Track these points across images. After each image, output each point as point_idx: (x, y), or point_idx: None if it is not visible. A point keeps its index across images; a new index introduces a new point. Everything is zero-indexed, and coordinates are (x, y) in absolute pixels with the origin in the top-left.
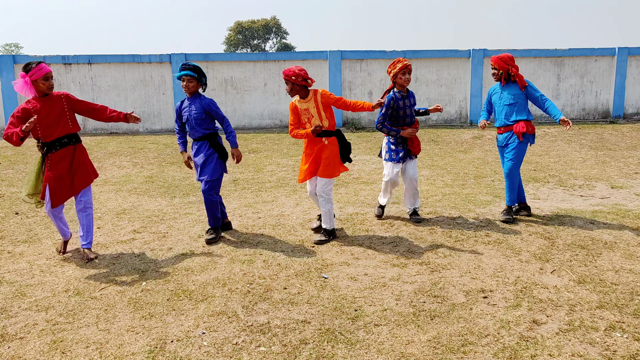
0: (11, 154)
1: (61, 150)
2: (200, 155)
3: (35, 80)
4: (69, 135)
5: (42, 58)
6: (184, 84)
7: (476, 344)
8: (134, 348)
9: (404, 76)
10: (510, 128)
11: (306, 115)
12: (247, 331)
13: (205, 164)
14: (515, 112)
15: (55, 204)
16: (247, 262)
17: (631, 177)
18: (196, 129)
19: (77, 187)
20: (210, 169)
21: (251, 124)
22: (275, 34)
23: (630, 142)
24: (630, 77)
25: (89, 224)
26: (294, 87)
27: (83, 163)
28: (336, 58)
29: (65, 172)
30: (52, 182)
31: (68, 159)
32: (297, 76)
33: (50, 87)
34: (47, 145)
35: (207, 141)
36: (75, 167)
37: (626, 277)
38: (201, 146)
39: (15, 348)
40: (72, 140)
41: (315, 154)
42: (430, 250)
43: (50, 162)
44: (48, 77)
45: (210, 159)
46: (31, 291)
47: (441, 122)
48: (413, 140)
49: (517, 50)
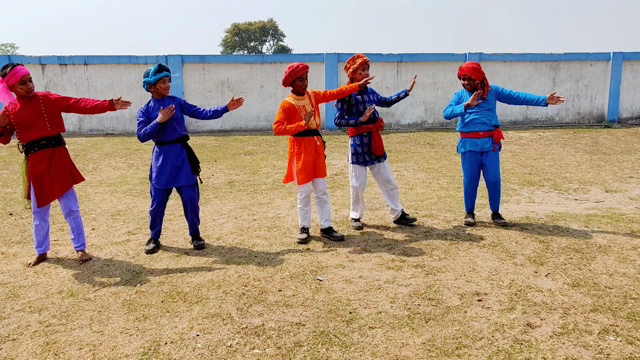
0: (5, 155)
1: (39, 151)
2: (172, 159)
3: (12, 85)
4: (48, 138)
5: (38, 58)
6: (163, 85)
7: (470, 346)
8: (128, 350)
9: (363, 72)
10: (490, 133)
11: (303, 111)
12: (242, 333)
13: (181, 169)
14: (493, 117)
15: (40, 203)
16: (242, 264)
17: (625, 181)
18: (175, 130)
19: (55, 191)
20: (188, 173)
21: (247, 126)
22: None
23: (624, 147)
24: (625, 82)
25: (78, 226)
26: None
27: (62, 166)
28: (333, 60)
29: (44, 174)
30: (34, 181)
31: (46, 161)
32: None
33: (29, 90)
34: (25, 146)
35: (180, 144)
36: (54, 170)
37: (620, 280)
38: (173, 149)
39: (8, 350)
40: (52, 142)
41: (312, 155)
42: (425, 253)
43: (30, 162)
44: (25, 80)
45: (186, 162)
46: (24, 292)
47: (437, 125)
48: (375, 142)
49: (512, 55)
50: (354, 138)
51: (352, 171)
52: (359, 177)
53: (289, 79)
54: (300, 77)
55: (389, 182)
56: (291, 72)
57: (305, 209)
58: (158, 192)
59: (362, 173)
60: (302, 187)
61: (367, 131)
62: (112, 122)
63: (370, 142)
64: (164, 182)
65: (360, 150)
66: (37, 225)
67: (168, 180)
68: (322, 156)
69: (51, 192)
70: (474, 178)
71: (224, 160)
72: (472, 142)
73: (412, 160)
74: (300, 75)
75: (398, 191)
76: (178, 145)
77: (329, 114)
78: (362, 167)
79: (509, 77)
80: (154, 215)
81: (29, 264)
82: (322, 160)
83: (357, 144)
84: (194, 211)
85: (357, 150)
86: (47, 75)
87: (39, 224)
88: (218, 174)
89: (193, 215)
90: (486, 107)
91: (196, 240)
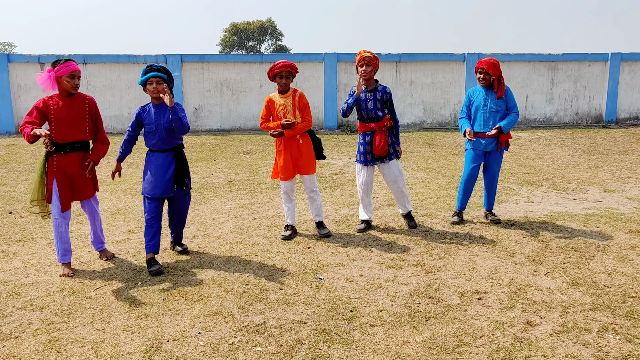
0: (4, 154)
1: (71, 154)
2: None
3: (60, 76)
4: (83, 142)
5: (36, 57)
6: (151, 88)
7: (471, 344)
8: (130, 347)
9: (361, 68)
10: None
11: (282, 110)
12: (243, 331)
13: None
14: (500, 120)
15: (64, 208)
16: (243, 262)
17: (623, 181)
18: (168, 140)
19: (80, 196)
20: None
21: (246, 126)
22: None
23: (622, 147)
24: (623, 83)
25: (98, 229)
26: (290, 80)
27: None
28: (332, 60)
29: (73, 177)
30: (60, 184)
31: (77, 165)
32: (296, 70)
33: (75, 86)
34: (57, 145)
35: (173, 152)
36: (82, 176)
37: (619, 279)
38: (165, 158)
39: (10, 347)
40: (85, 147)
41: (293, 153)
42: (425, 252)
43: (56, 163)
44: (74, 75)
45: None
46: (26, 290)
47: (436, 125)
48: (376, 141)
49: (511, 55)
50: (360, 136)
51: (356, 170)
52: (360, 175)
53: (270, 75)
54: (280, 74)
55: (395, 183)
56: (271, 68)
57: (287, 206)
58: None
59: (363, 172)
60: (282, 184)
61: (369, 130)
62: (110, 121)
63: (371, 142)
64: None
65: (362, 149)
66: (62, 233)
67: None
68: (306, 155)
69: (76, 196)
70: (472, 175)
71: (223, 159)
72: (477, 141)
73: (411, 160)
74: (279, 73)
75: (406, 196)
76: (170, 155)
77: (328, 115)
78: (364, 166)
79: (507, 77)
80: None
81: (66, 274)
82: (306, 159)
83: (360, 142)
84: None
85: (360, 148)
86: None
87: (63, 230)
88: (217, 173)
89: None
90: (495, 109)
91: (178, 246)
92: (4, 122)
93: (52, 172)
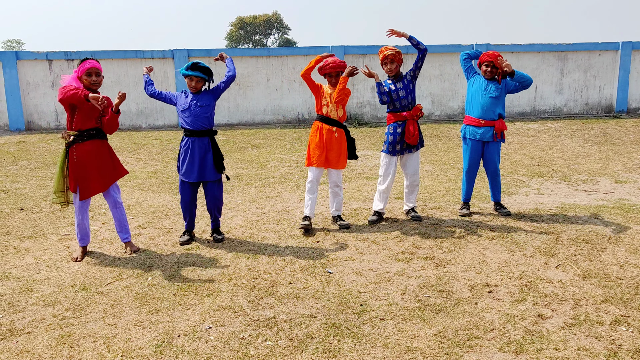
0: (15, 150)
1: (88, 142)
2: (200, 152)
3: (80, 76)
4: (97, 129)
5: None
6: (192, 84)
7: (482, 338)
8: (142, 342)
9: (385, 67)
10: (492, 123)
11: (327, 99)
12: (254, 326)
13: (205, 163)
14: (500, 107)
15: (83, 196)
16: (252, 257)
17: (635, 171)
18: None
19: (100, 184)
20: (212, 169)
21: (254, 120)
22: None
23: (634, 137)
24: (634, 72)
25: (124, 218)
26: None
27: (107, 159)
28: (339, 53)
29: (90, 165)
30: (79, 174)
31: (94, 152)
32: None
33: (92, 83)
34: (75, 135)
35: (208, 138)
36: (100, 163)
37: (631, 271)
38: (200, 142)
39: (24, 342)
40: (100, 134)
41: (326, 142)
42: (434, 245)
43: (76, 153)
44: (90, 72)
45: (209, 158)
46: (38, 286)
47: (444, 117)
48: (409, 130)
49: (520, 45)
50: (389, 127)
51: (381, 160)
52: (386, 166)
53: (320, 73)
54: (329, 74)
55: (415, 174)
56: (322, 67)
57: (309, 196)
58: (185, 186)
59: (390, 163)
60: (310, 173)
61: (402, 119)
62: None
63: (404, 132)
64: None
65: (392, 139)
66: (80, 220)
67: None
68: (338, 149)
69: (96, 186)
70: (472, 166)
71: (231, 154)
72: (472, 131)
73: (420, 152)
74: (329, 73)
75: (417, 190)
76: (206, 140)
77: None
78: (392, 156)
79: (516, 68)
80: (183, 208)
81: (75, 258)
82: (337, 153)
83: (390, 132)
84: (217, 207)
85: (389, 139)
86: (54, 71)
87: (81, 218)
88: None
89: (215, 211)
90: (494, 94)
91: (216, 234)
92: (14, 119)
93: (73, 162)
